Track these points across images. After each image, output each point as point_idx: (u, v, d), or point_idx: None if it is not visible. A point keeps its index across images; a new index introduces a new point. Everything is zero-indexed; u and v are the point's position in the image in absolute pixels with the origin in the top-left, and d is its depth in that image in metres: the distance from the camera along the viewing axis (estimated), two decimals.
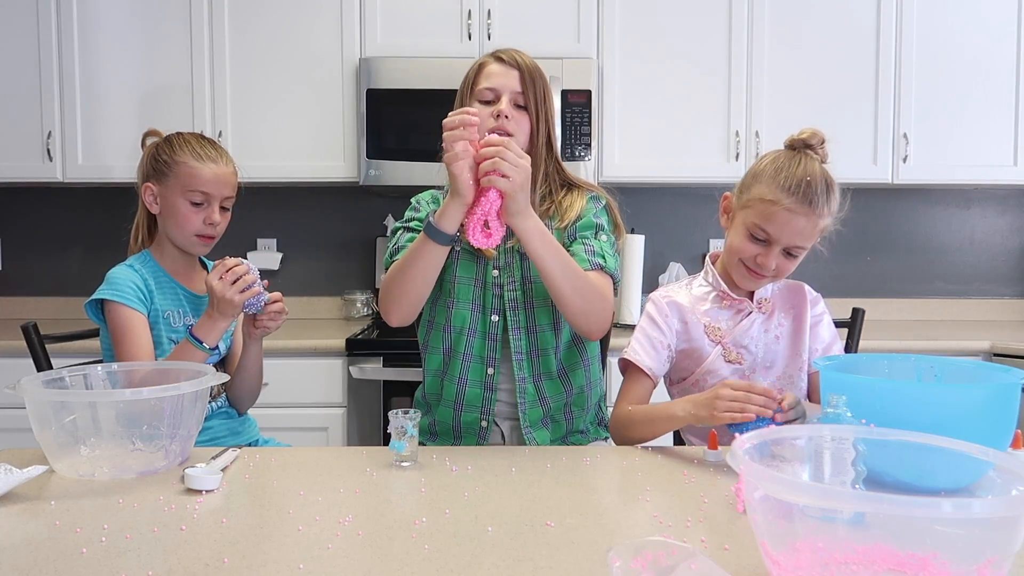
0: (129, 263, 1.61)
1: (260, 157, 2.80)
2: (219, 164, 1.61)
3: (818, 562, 0.74)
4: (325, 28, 2.80)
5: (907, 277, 3.25)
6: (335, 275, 3.20)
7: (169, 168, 1.59)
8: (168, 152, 1.60)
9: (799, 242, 1.38)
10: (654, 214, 3.18)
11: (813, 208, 1.35)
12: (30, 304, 3.15)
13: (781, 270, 1.42)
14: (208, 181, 1.59)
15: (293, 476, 1.16)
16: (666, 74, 2.83)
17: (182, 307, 1.62)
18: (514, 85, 1.53)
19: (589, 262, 1.51)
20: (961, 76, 2.85)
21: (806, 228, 1.37)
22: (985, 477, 0.83)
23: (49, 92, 2.79)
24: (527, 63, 1.55)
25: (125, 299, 1.52)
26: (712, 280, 1.52)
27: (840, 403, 1.00)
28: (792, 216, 1.36)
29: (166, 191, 1.59)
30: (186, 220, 1.59)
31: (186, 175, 1.58)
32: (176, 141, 1.62)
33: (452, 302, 1.57)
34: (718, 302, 1.50)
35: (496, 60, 1.56)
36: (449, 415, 1.58)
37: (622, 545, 0.75)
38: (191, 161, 1.58)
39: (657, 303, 1.52)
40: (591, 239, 1.55)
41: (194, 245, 1.62)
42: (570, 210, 1.57)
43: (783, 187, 1.36)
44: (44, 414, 1.17)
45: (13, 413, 2.36)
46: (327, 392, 2.54)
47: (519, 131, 1.52)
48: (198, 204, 1.59)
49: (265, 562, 0.85)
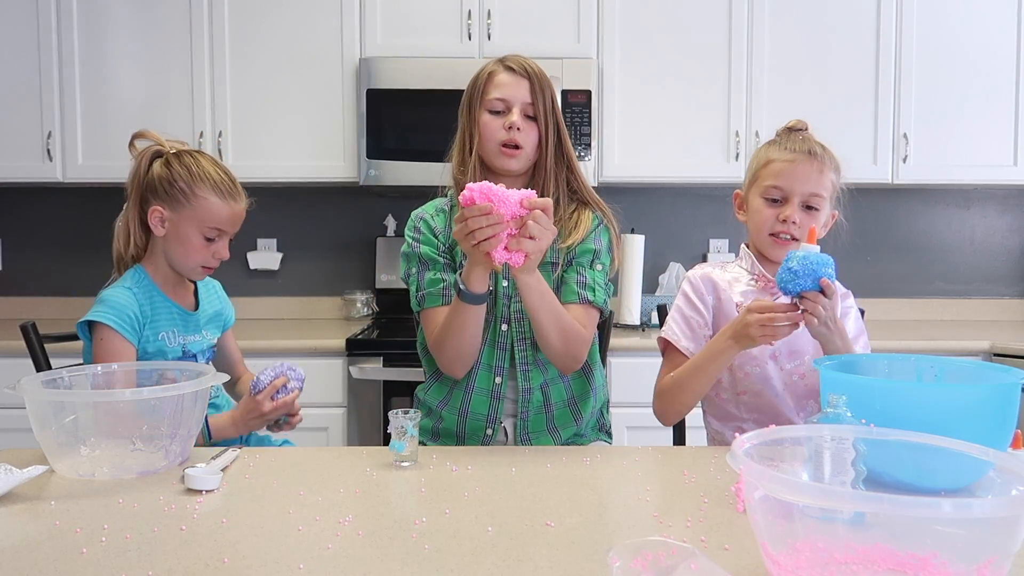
0: (127, 286, 1.55)
1: (260, 157, 2.80)
2: (238, 201, 1.58)
3: (818, 562, 0.74)
4: (325, 28, 2.80)
5: (907, 277, 3.25)
6: (335, 275, 3.20)
7: (187, 199, 1.53)
8: (187, 181, 1.53)
9: (812, 189, 1.44)
10: (654, 214, 3.18)
11: (814, 156, 1.44)
12: (30, 304, 3.15)
13: (805, 224, 1.44)
14: (226, 219, 1.57)
15: (293, 476, 1.16)
16: (666, 74, 2.83)
17: (176, 326, 1.60)
18: (524, 96, 1.53)
19: (578, 295, 1.53)
20: (961, 76, 2.85)
21: (812, 174, 1.44)
22: (985, 477, 0.83)
23: (49, 92, 2.79)
24: (536, 71, 1.55)
25: (121, 329, 1.49)
26: (749, 265, 1.54)
27: (840, 403, 1.00)
28: (796, 165, 1.43)
29: (179, 219, 1.54)
30: (196, 252, 1.56)
31: (205, 210, 1.54)
32: (194, 169, 1.55)
33: None
34: (754, 284, 1.52)
35: (506, 69, 1.55)
36: (454, 421, 1.58)
37: (622, 545, 0.75)
38: (213, 198, 1.54)
39: (693, 280, 1.55)
40: (586, 268, 1.56)
41: (196, 274, 1.61)
42: (575, 232, 1.56)
43: (781, 147, 1.47)
44: (44, 414, 1.17)
45: (13, 413, 2.36)
46: (327, 392, 2.54)
47: (528, 141, 1.53)
48: (210, 239, 1.57)
49: (265, 562, 0.85)
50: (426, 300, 1.55)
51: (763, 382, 1.47)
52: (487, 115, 1.54)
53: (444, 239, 1.58)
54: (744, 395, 1.49)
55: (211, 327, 1.68)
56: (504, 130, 1.52)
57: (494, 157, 1.54)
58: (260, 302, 3.18)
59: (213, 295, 1.72)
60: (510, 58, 1.57)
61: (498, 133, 1.52)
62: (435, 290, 1.54)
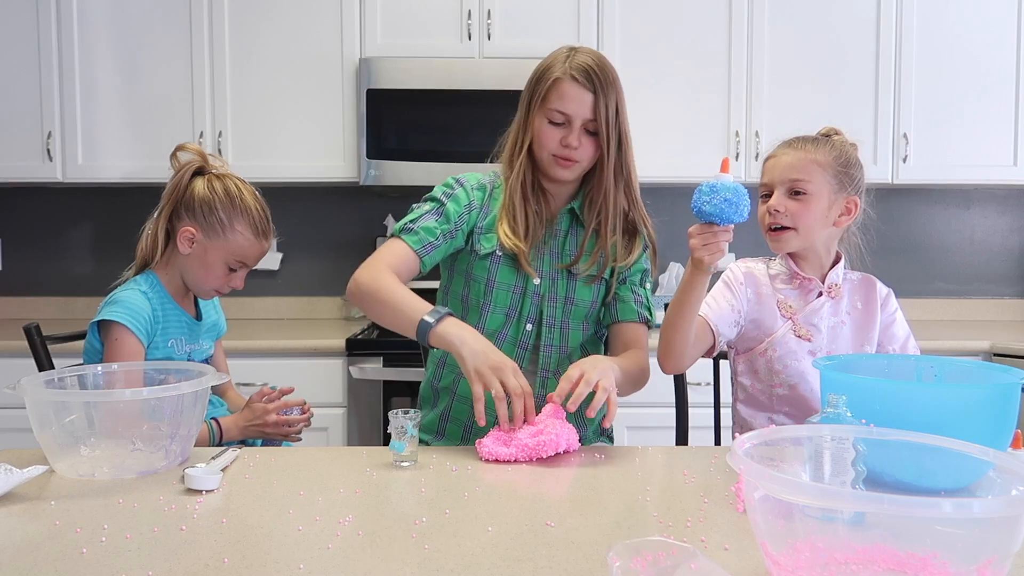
0: (142, 289, 1.55)
1: (260, 157, 2.80)
2: (269, 241, 1.61)
3: (818, 562, 0.74)
4: (325, 28, 2.80)
5: (907, 277, 3.25)
6: (335, 275, 3.19)
7: (223, 230, 1.54)
8: (228, 213, 1.54)
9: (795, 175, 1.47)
10: (654, 214, 3.16)
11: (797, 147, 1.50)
12: (30, 304, 3.15)
13: (794, 214, 1.47)
14: (254, 256, 1.60)
15: (293, 476, 1.16)
16: (666, 74, 2.83)
17: (184, 334, 1.62)
18: (586, 112, 1.46)
19: (638, 314, 1.59)
20: (961, 76, 2.85)
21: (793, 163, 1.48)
22: (985, 477, 0.83)
23: (49, 92, 2.79)
24: (603, 79, 1.46)
25: (136, 329, 1.50)
26: (783, 263, 1.58)
27: (840, 403, 1.00)
28: (778, 159, 1.50)
29: (209, 245, 1.55)
30: (215, 279, 1.58)
31: (237, 244, 1.56)
32: (237, 202, 1.56)
33: (488, 306, 1.55)
34: (790, 282, 1.56)
35: (571, 79, 1.46)
36: (464, 411, 1.56)
37: (622, 545, 0.75)
38: (248, 234, 1.56)
39: (734, 272, 1.58)
40: (638, 287, 1.62)
41: (206, 295, 1.64)
42: (630, 257, 1.61)
43: (781, 142, 1.53)
44: (44, 414, 1.17)
45: (13, 413, 2.36)
46: (327, 392, 2.54)
47: (585, 156, 1.49)
48: (233, 270, 1.59)
49: (265, 562, 0.85)
50: (407, 234, 1.49)
51: (799, 377, 1.50)
52: (546, 124, 1.48)
53: (476, 214, 1.56)
54: (779, 387, 1.52)
55: (208, 337, 1.70)
56: (560, 144, 1.47)
57: (548, 165, 1.51)
58: (260, 302, 3.18)
59: (210, 305, 1.74)
60: (579, 60, 1.47)
61: (554, 144, 1.48)
62: (421, 236, 1.49)
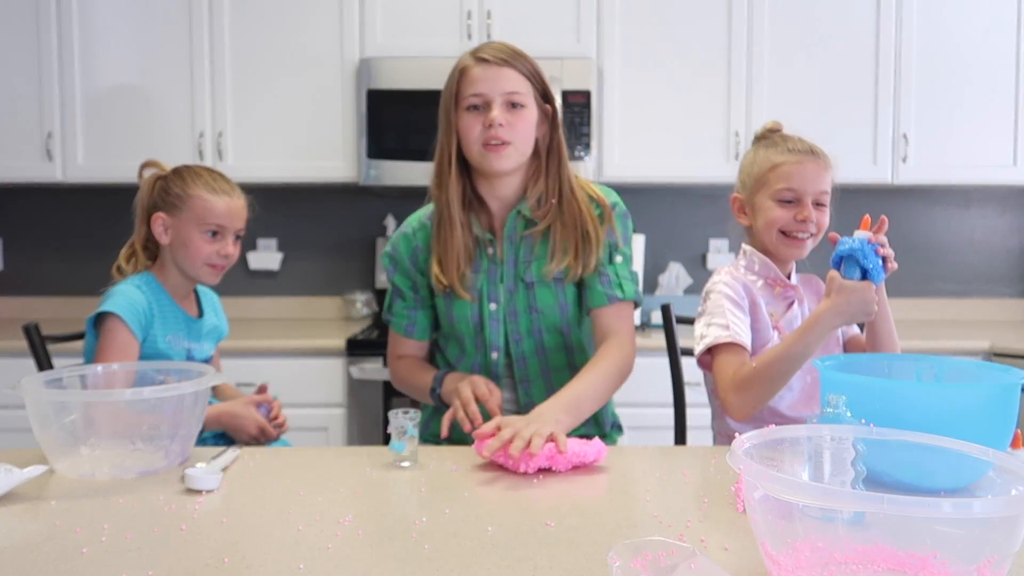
0: (136, 284, 1.59)
1: (260, 157, 2.80)
2: (232, 197, 1.64)
3: (818, 562, 0.74)
4: (325, 28, 2.80)
5: (907, 277, 3.25)
6: (335, 275, 3.19)
7: (182, 201, 1.60)
8: (180, 186, 1.61)
9: (822, 187, 1.48)
10: (654, 214, 3.18)
11: (818, 156, 1.48)
12: (30, 304, 3.15)
13: (820, 223, 1.48)
14: (222, 214, 1.61)
15: (293, 476, 1.16)
16: (666, 74, 2.83)
17: (182, 331, 1.64)
18: (504, 85, 1.39)
19: (607, 296, 1.47)
20: (961, 76, 2.85)
21: (821, 173, 1.47)
22: (985, 477, 0.83)
23: (49, 92, 2.79)
24: (512, 54, 1.41)
25: (129, 320, 1.52)
26: (760, 268, 1.51)
27: (840, 403, 1.00)
28: (805, 167, 1.46)
29: (179, 223, 1.60)
30: (199, 251, 1.60)
31: (200, 208, 1.60)
32: (187, 174, 1.62)
33: (460, 339, 1.55)
34: (768, 290, 1.51)
35: (478, 62, 1.41)
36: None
37: (622, 545, 0.75)
38: (205, 194, 1.60)
39: (731, 286, 1.47)
40: (605, 266, 1.49)
41: (206, 275, 1.64)
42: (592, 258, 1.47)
43: (787, 150, 1.48)
44: (44, 414, 1.17)
45: (13, 413, 2.36)
46: (327, 392, 2.54)
47: (516, 136, 1.40)
48: (212, 235, 1.61)
49: (265, 562, 0.85)
50: (392, 323, 1.61)
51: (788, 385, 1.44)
52: (466, 116, 1.40)
53: (423, 258, 1.53)
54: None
55: (209, 339, 1.72)
56: (484, 128, 1.38)
57: (480, 160, 1.41)
58: (260, 302, 3.18)
59: (211, 308, 1.76)
60: (482, 48, 1.42)
61: (478, 130, 1.39)
62: (401, 321, 1.59)
